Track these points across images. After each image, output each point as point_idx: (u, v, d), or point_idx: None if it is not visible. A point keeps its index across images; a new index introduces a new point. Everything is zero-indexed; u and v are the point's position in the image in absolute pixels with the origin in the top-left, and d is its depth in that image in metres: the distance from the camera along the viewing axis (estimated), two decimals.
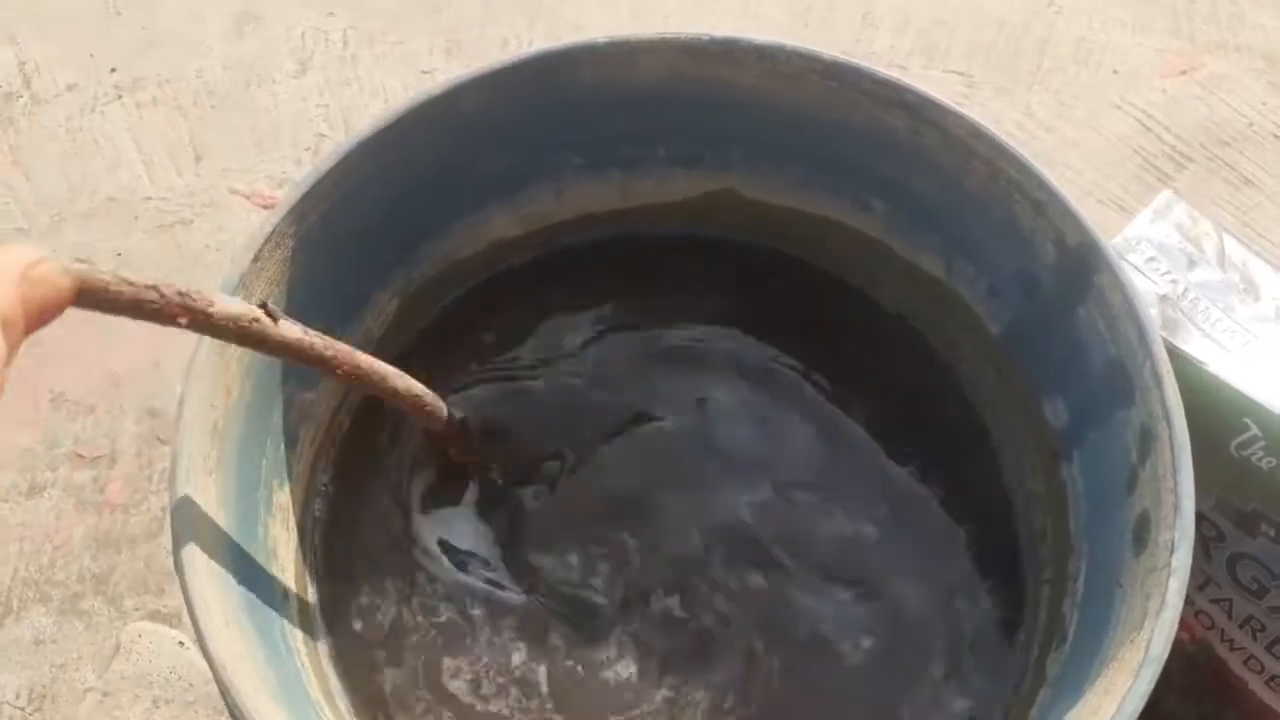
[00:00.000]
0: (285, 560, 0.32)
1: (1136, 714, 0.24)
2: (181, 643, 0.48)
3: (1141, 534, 0.28)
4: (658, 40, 0.34)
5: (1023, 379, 0.35)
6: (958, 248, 0.35)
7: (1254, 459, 0.33)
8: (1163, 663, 0.25)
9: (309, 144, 0.62)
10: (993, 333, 0.35)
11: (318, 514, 0.35)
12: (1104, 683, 0.26)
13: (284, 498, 0.33)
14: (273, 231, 0.31)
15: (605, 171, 0.37)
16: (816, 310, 0.38)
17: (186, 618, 0.48)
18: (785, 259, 0.38)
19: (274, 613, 0.30)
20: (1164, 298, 0.35)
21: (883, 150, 0.34)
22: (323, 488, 0.35)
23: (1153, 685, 0.25)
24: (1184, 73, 0.64)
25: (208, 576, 0.27)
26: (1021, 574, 0.34)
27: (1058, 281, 0.32)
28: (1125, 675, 0.25)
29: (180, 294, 0.24)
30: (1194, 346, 0.34)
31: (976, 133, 0.32)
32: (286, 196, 0.32)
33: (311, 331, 0.28)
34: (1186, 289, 0.35)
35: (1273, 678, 0.38)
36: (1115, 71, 0.64)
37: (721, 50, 0.34)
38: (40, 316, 0.19)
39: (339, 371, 0.29)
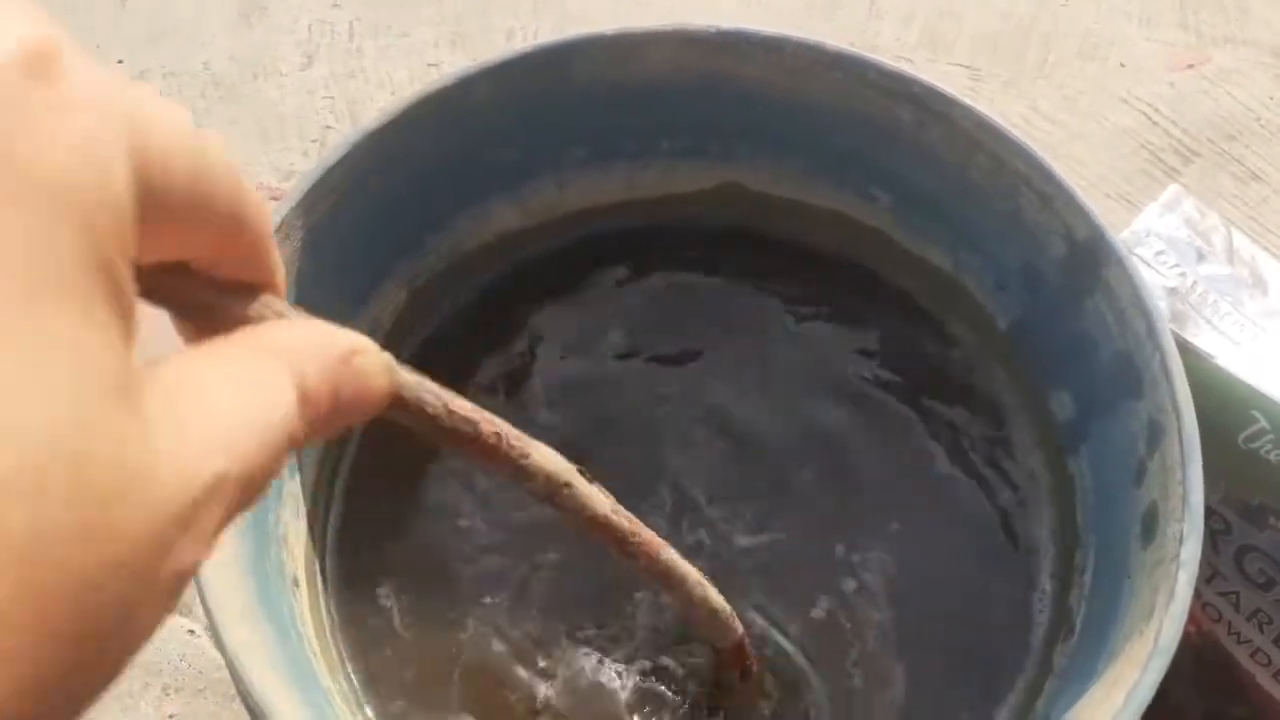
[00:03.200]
0: (295, 548, 0.32)
1: (1145, 706, 0.24)
2: (191, 631, 0.48)
3: (1150, 526, 0.28)
4: (663, 32, 0.34)
5: (1030, 372, 0.35)
6: (964, 240, 0.35)
7: (1262, 452, 0.33)
8: (1171, 655, 0.25)
9: (315, 136, 0.62)
10: (1000, 326, 0.36)
11: (328, 503, 0.35)
12: (1112, 674, 0.26)
13: (294, 487, 0.33)
14: (281, 223, 0.31)
15: (609, 163, 0.37)
16: (825, 299, 0.38)
17: (196, 607, 0.48)
18: (793, 248, 0.38)
19: (285, 600, 0.30)
20: (1172, 291, 0.35)
21: (889, 142, 0.34)
22: (332, 477, 0.35)
23: (1161, 677, 0.25)
24: (1191, 66, 0.64)
25: (220, 564, 0.27)
26: (1031, 565, 0.34)
27: (1065, 275, 0.32)
28: (1134, 667, 0.25)
29: (496, 435, 0.21)
30: (1202, 340, 0.34)
31: (982, 125, 0.32)
32: (294, 188, 0.32)
33: (620, 509, 0.25)
34: (1195, 283, 0.35)
35: None
36: (1122, 65, 0.64)
37: (727, 42, 0.34)
38: (347, 411, 0.17)
39: (640, 557, 0.25)
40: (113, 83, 0.13)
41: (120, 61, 0.64)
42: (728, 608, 0.28)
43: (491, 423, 0.21)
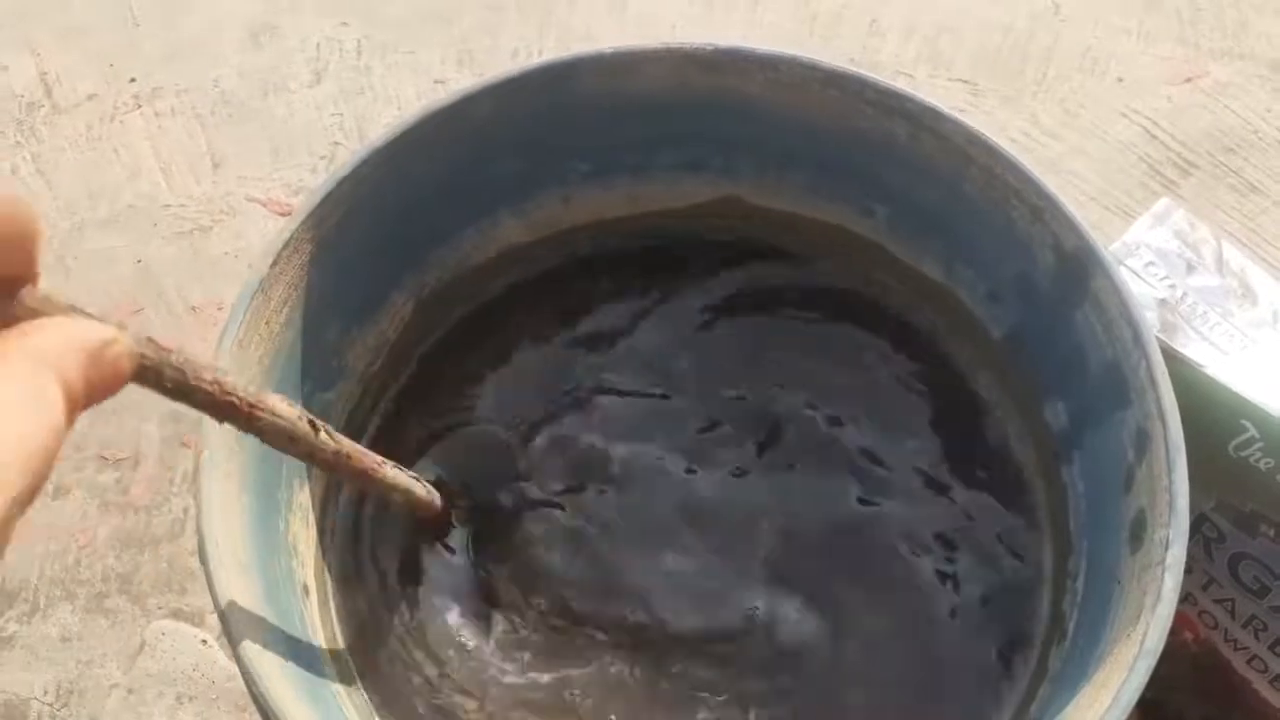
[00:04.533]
0: (306, 556, 0.33)
1: (1131, 707, 0.25)
2: (204, 640, 0.49)
3: (1138, 532, 0.29)
4: (663, 50, 0.35)
5: (1024, 382, 0.35)
6: (958, 252, 0.36)
7: (1252, 460, 0.34)
8: (1157, 656, 0.26)
9: (324, 152, 0.63)
10: (994, 337, 0.36)
11: (337, 512, 0.35)
12: (1101, 677, 0.27)
13: (304, 497, 0.33)
14: (291, 237, 0.32)
15: (612, 178, 0.38)
16: (823, 312, 0.39)
17: (209, 616, 0.49)
18: (791, 262, 0.39)
19: (295, 606, 0.31)
20: (1163, 302, 0.35)
21: (884, 157, 0.35)
22: (341, 486, 0.36)
23: (1147, 678, 0.25)
24: (1189, 80, 0.65)
25: (232, 571, 0.28)
26: (1026, 573, 0.35)
27: (1056, 286, 0.33)
28: (1121, 669, 0.26)
29: (230, 399, 0.24)
30: (1192, 350, 0.34)
31: (974, 139, 0.33)
32: (304, 203, 0.33)
33: (345, 445, 0.29)
34: (1185, 294, 0.36)
35: (1276, 677, 0.38)
36: (1120, 79, 0.65)
37: (725, 60, 0.35)
38: (98, 395, 0.19)
39: (362, 480, 0.30)
40: None
41: (133, 80, 0.65)
42: (430, 491, 0.33)
43: (226, 389, 0.24)
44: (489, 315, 0.39)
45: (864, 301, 0.39)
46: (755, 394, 0.37)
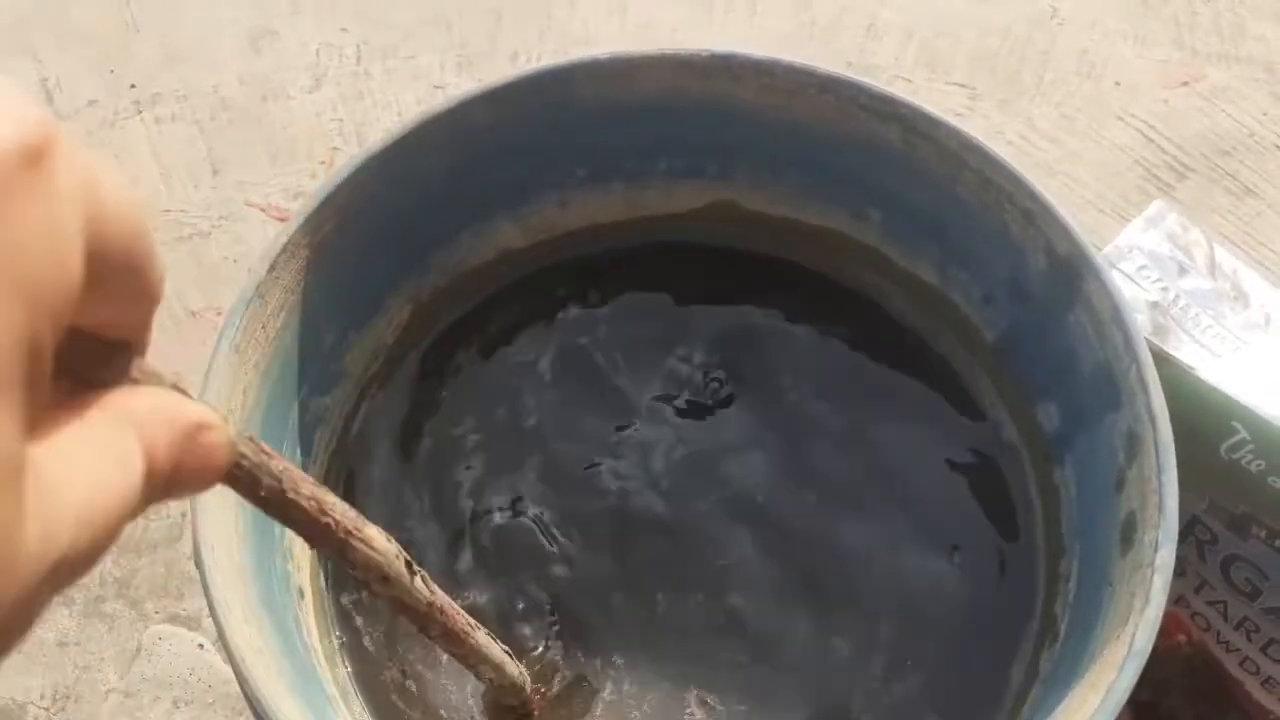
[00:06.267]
0: (301, 560, 0.33)
1: (1120, 707, 0.25)
2: (201, 645, 0.49)
3: (1129, 533, 0.29)
4: (658, 56, 0.35)
5: (1017, 384, 0.36)
6: (952, 256, 0.36)
7: (1243, 462, 0.34)
8: (1146, 657, 0.26)
9: (323, 157, 0.63)
10: (988, 339, 0.36)
11: None
12: (1091, 677, 0.27)
13: None
14: (288, 243, 0.32)
15: (609, 183, 0.38)
16: (819, 316, 0.39)
17: (206, 621, 0.49)
18: (785, 266, 0.39)
19: (290, 610, 0.31)
20: (1155, 305, 0.35)
21: (878, 162, 0.35)
22: (336, 491, 0.36)
23: (1136, 679, 0.26)
24: (1185, 84, 0.65)
25: (229, 575, 0.28)
26: (1021, 576, 0.35)
27: (1048, 289, 0.33)
28: (1110, 670, 0.26)
29: (329, 522, 0.22)
30: (1184, 352, 0.34)
31: (967, 144, 0.33)
32: (302, 207, 0.33)
33: (439, 598, 0.27)
34: (1177, 296, 0.36)
35: (1268, 679, 0.38)
36: (1117, 83, 0.65)
37: (720, 66, 0.35)
38: (184, 485, 0.17)
39: (448, 643, 0.28)
40: (84, 163, 0.14)
41: (133, 86, 0.65)
42: (524, 676, 0.31)
43: (326, 510, 0.22)
44: (484, 316, 0.39)
45: (859, 304, 0.39)
46: (747, 396, 0.38)
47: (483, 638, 0.28)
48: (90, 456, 0.15)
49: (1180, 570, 0.37)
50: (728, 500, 0.36)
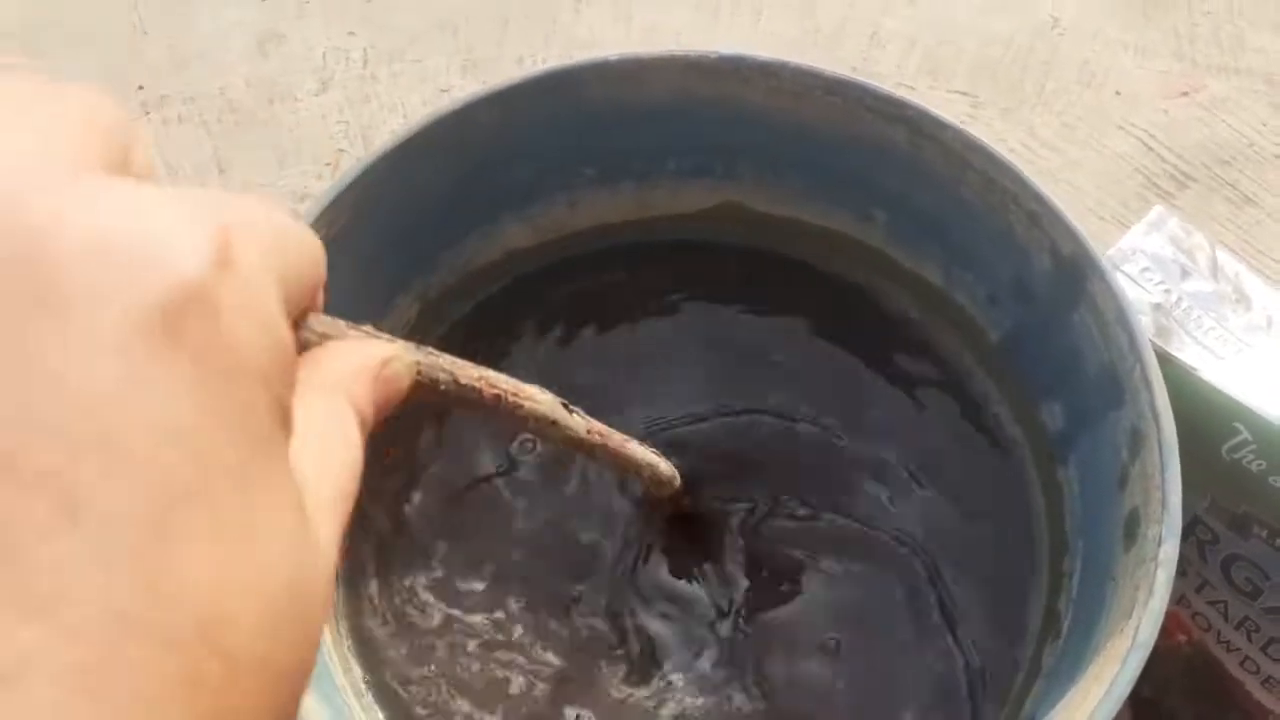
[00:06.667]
0: None
1: (1123, 699, 0.25)
2: None
3: (1132, 529, 0.29)
4: (665, 58, 0.35)
5: (1022, 384, 0.36)
6: (957, 257, 0.36)
7: (1244, 462, 0.34)
8: (1149, 649, 0.26)
9: (329, 159, 0.63)
10: (993, 339, 0.37)
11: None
12: (1094, 670, 0.27)
13: None
14: None
15: (617, 183, 0.39)
16: (822, 315, 0.39)
17: None
18: (791, 265, 0.40)
19: None
20: (1157, 306, 0.36)
21: (884, 163, 0.36)
22: None
23: (1139, 671, 0.26)
24: (1185, 94, 0.65)
25: None
26: (1025, 572, 0.35)
27: (1053, 289, 0.33)
28: (1114, 663, 0.26)
29: (496, 396, 0.25)
30: (1187, 354, 0.35)
31: (972, 146, 0.33)
32: (310, 209, 0.33)
33: (594, 424, 0.30)
34: (1180, 298, 0.36)
35: (1269, 678, 0.39)
36: (1118, 93, 0.65)
37: (727, 67, 0.35)
38: (383, 414, 0.19)
39: (608, 458, 0.31)
40: (266, 240, 0.15)
41: (141, 88, 0.66)
42: (672, 469, 0.33)
43: (493, 385, 0.25)
44: (489, 314, 0.40)
45: (865, 304, 0.39)
46: (752, 397, 0.38)
47: (636, 446, 0.32)
48: (324, 439, 0.17)
49: (1181, 570, 0.38)
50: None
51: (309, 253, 0.17)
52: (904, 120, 0.34)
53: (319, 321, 0.19)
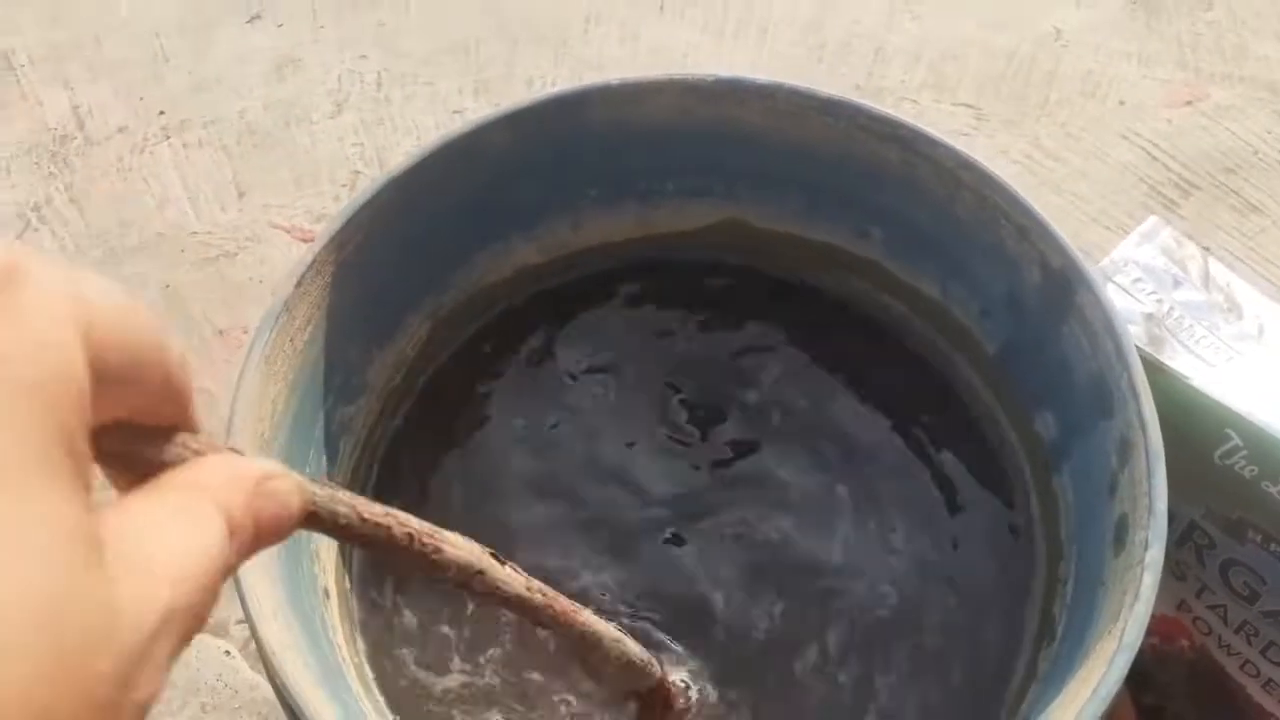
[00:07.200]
0: (326, 562, 0.34)
1: (1109, 699, 0.26)
2: (227, 652, 0.50)
3: (1121, 535, 0.30)
4: (665, 81, 0.37)
5: (1016, 394, 0.37)
6: (952, 271, 0.37)
7: (1237, 468, 0.35)
8: (1135, 650, 0.27)
9: (345, 180, 0.65)
10: (989, 352, 0.38)
11: None
12: (1084, 673, 0.28)
13: None
14: (314, 260, 0.34)
15: (621, 203, 0.40)
16: (820, 331, 0.40)
17: (233, 627, 0.51)
18: (791, 282, 0.41)
19: (316, 609, 0.32)
20: (1150, 316, 0.37)
21: (879, 181, 0.37)
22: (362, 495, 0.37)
23: (1126, 672, 0.27)
24: (1189, 103, 0.66)
25: (259, 574, 0.29)
26: (1022, 581, 0.36)
27: (1043, 301, 0.34)
28: (1101, 665, 0.27)
29: (408, 535, 0.23)
30: (1179, 362, 0.36)
31: (964, 163, 0.34)
32: (327, 227, 0.34)
33: (534, 582, 0.27)
34: (1172, 308, 0.37)
35: (1269, 681, 0.39)
36: (1121, 103, 0.66)
37: (725, 90, 0.36)
38: (267, 533, 0.18)
39: (556, 626, 0.27)
40: (63, 278, 0.15)
41: (162, 112, 0.67)
42: (645, 654, 0.30)
43: (403, 524, 0.23)
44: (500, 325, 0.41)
45: (863, 318, 0.40)
46: (751, 408, 0.39)
47: (590, 615, 0.28)
48: (169, 521, 0.16)
49: (1181, 575, 0.38)
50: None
51: (141, 326, 0.17)
52: (897, 139, 0.35)
53: (195, 440, 0.18)
